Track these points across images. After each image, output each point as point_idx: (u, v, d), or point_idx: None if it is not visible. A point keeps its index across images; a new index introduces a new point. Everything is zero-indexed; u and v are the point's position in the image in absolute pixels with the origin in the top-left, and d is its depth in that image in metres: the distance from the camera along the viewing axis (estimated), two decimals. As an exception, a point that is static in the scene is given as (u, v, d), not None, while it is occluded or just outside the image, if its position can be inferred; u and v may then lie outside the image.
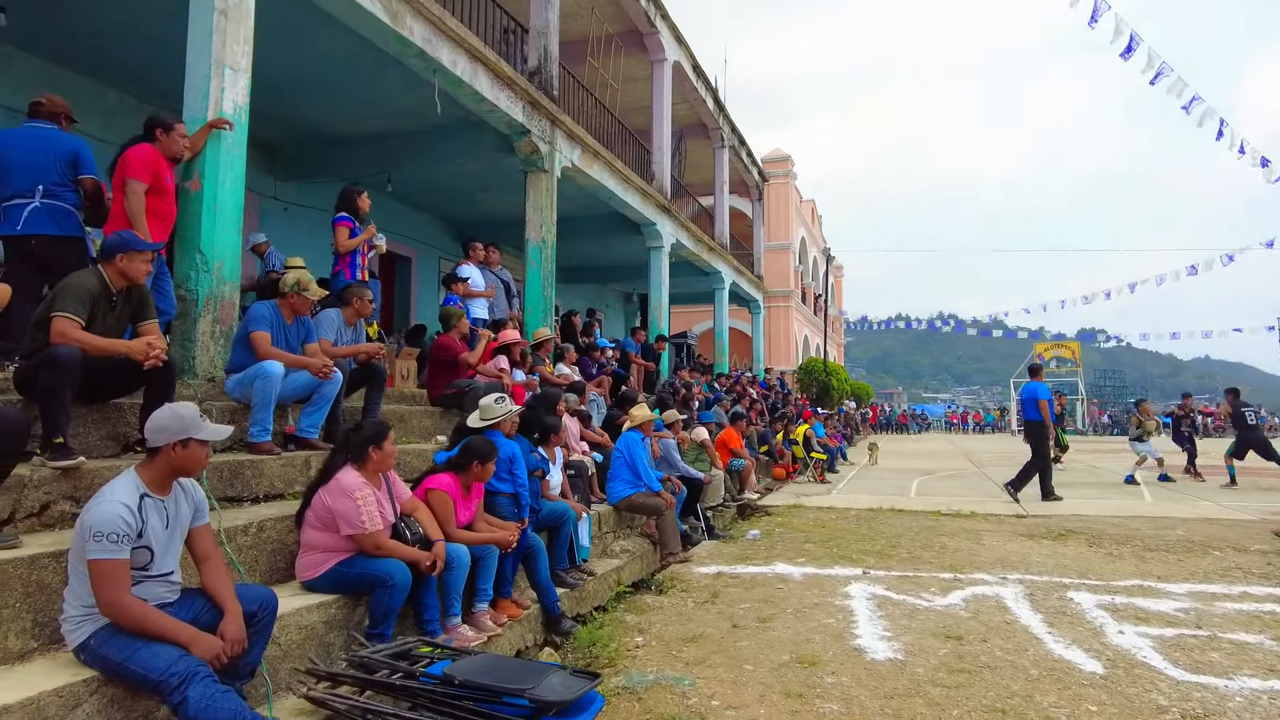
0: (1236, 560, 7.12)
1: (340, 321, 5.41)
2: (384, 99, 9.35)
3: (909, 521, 9.41)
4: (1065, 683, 4.05)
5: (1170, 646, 4.66)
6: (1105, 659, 4.40)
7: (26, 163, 4.60)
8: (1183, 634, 4.92)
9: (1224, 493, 12.29)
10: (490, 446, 4.50)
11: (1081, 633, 4.90)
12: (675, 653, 4.53)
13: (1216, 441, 20.18)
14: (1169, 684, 4.05)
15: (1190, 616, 5.32)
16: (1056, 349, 44.14)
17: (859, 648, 4.59)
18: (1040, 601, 5.64)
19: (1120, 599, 5.75)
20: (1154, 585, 6.17)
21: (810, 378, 27.20)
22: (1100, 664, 4.32)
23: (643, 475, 7.08)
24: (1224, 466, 13.41)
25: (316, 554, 3.72)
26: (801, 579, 6.36)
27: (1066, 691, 3.93)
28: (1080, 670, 4.22)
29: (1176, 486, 13.28)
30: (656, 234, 14.63)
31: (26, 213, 4.54)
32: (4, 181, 4.63)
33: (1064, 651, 4.54)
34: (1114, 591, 5.97)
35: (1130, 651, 4.55)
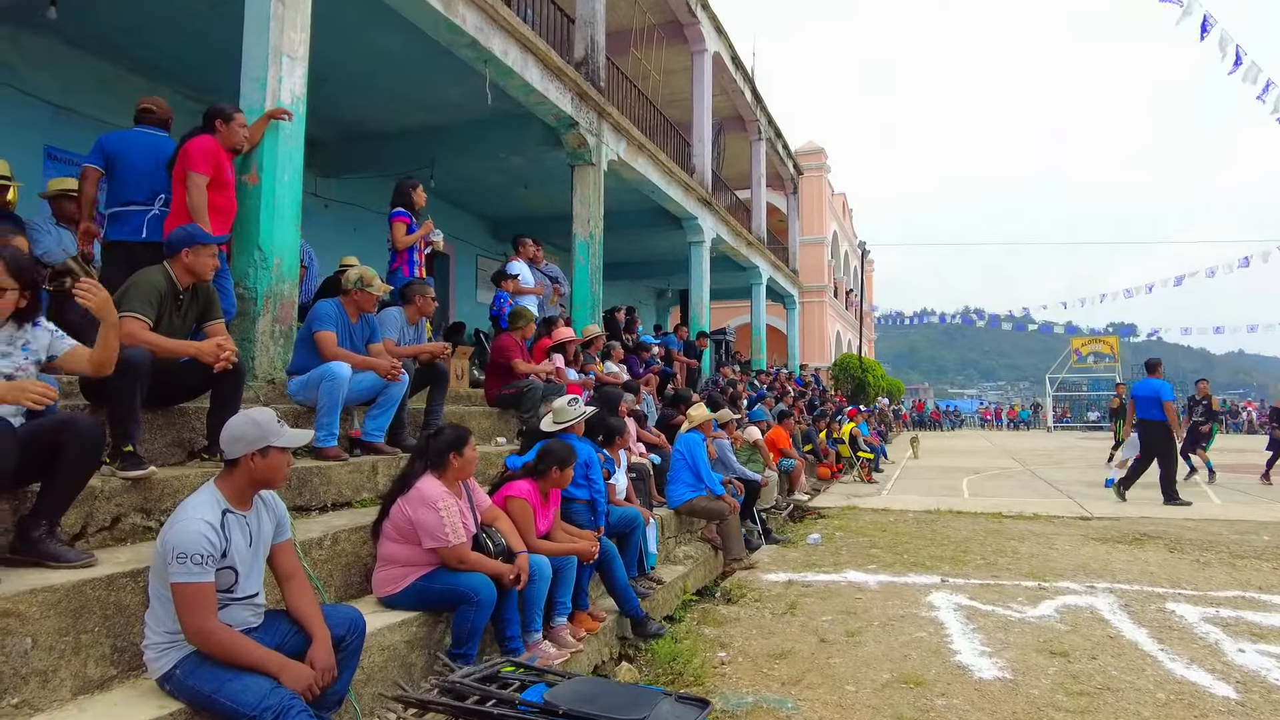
0: (1337, 568, 6.71)
1: (403, 320, 5.19)
2: (429, 92, 9.16)
3: (971, 524, 9.06)
4: (1199, 709, 3.72)
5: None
6: (1235, 682, 4.06)
7: (147, 170, 4.56)
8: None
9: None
10: (570, 451, 4.25)
11: (1198, 650, 4.55)
12: (766, 670, 4.25)
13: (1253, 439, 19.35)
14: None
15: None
16: (1094, 344, 43.19)
17: (961, 665, 4.28)
18: (1140, 614, 5.30)
19: (1225, 612, 5.39)
20: (1258, 597, 5.79)
21: (845, 374, 26.76)
22: (1231, 688, 3.98)
23: (704, 478, 6.81)
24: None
25: (396, 568, 3.48)
26: (878, 588, 6.06)
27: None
28: (1211, 695, 3.89)
29: (1246, 488, 12.79)
30: (698, 228, 14.34)
31: (148, 220, 4.50)
32: (121, 187, 4.60)
33: (1185, 672, 4.20)
34: (1216, 604, 5.60)
35: (1260, 674, 4.20)
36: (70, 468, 2.65)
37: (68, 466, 2.65)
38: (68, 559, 2.63)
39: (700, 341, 13.54)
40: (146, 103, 4.86)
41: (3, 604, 2.29)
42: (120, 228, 4.61)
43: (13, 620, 2.30)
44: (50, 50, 7.93)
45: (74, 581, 2.50)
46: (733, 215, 16.56)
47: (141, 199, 4.54)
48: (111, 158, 4.65)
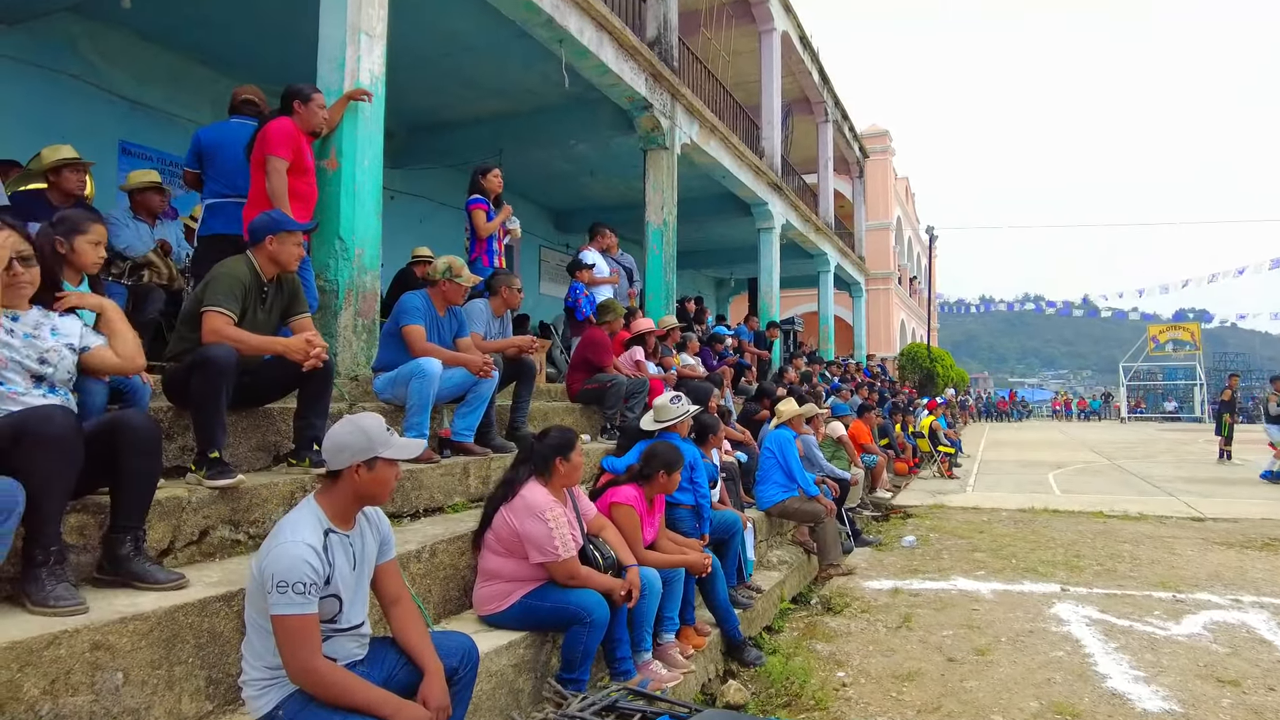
0: None
1: (489, 313, 4.90)
2: (501, 78, 8.89)
3: (1074, 524, 8.48)
4: None
5: None
6: None
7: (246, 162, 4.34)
8: None
9: None
10: (678, 453, 3.90)
11: (1390, 679, 4.01)
12: (895, 695, 3.85)
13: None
14: None
15: None
16: (1174, 331, 41.20)
17: (1117, 692, 3.82)
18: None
19: (1404, 631, 4.80)
20: None
21: (913, 364, 25.92)
22: None
23: (797, 478, 6.40)
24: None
25: (500, 584, 3.18)
26: (994, 597, 5.59)
27: None
28: None
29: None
30: (767, 214, 13.84)
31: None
32: (220, 178, 4.49)
33: (1383, 706, 3.67)
34: (1388, 621, 5.01)
35: None
36: (132, 473, 2.41)
37: (129, 472, 2.40)
38: (158, 580, 2.38)
39: (771, 332, 13.07)
40: (246, 93, 4.72)
41: (92, 635, 2.04)
42: (220, 220, 4.46)
43: (103, 654, 2.05)
44: (124, 44, 7.86)
45: (166, 607, 2.23)
46: (801, 200, 16.00)
47: (242, 191, 4.33)
48: (209, 150, 4.53)
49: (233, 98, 4.81)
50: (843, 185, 24.17)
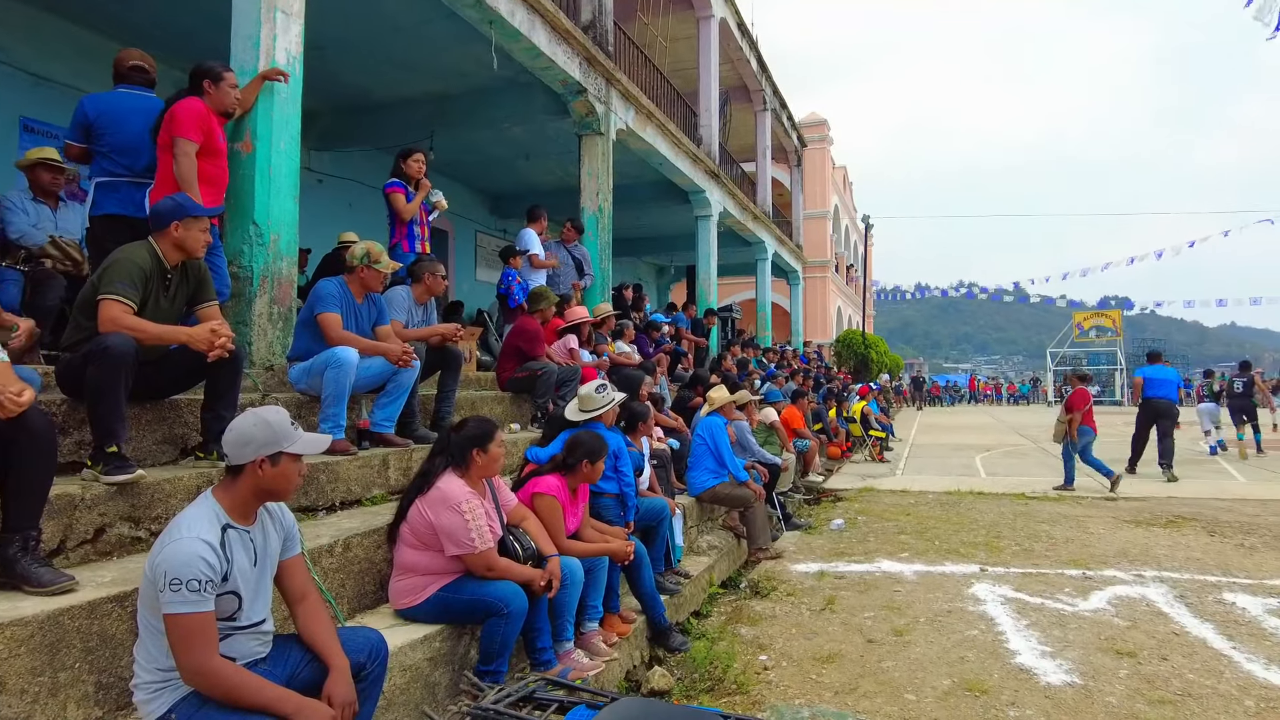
0: (1391, 552, 6.43)
1: (411, 300, 4.80)
2: (430, 58, 8.69)
3: (996, 506, 8.77)
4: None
5: (1387, 666, 4.01)
6: (1323, 684, 3.76)
7: (143, 137, 4.08)
8: (1390, 649, 4.27)
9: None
10: (601, 442, 3.89)
11: (1273, 649, 4.25)
12: (814, 676, 3.93)
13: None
14: None
15: (1381, 624, 4.66)
16: (1097, 318, 42.89)
17: (1024, 668, 3.97)
18: (1199, 606, 5.00)
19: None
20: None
21: (849, 350, 26.43)
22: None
23: (728, 464, 6.46)
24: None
25: (415, 577, 3.13)
26: (916, 579, 5.74)
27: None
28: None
29: (1267, 464, 12.56)
30: (705, 202, 13.90)
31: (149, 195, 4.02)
32: (113, 154, 4.11)
33: (1266, 674, 3.90)
34: (1274, 593, 5.31)
35: (1346, 673, 3.90)
36: (24, 471, 2.29)
37: (20, 468, 2.29)
38: (44, 582, 2.27)
39: (708, 319, 13.15)
40: (134, 58, 4.27)
41: (-37, 643, 1.93)
42: (113, 200, 4.11)
43: (-25, 662, 1.94)
44: (27, 17, 7.44)
45: (49, 611, 2.13)
46: (739, 188, 16.11)
47: (141, 170, 4.09)
48: (98, 122, 4.12)
49: (117, 63, 4.30)
50: (781, 174, 24.42)
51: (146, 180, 4.05)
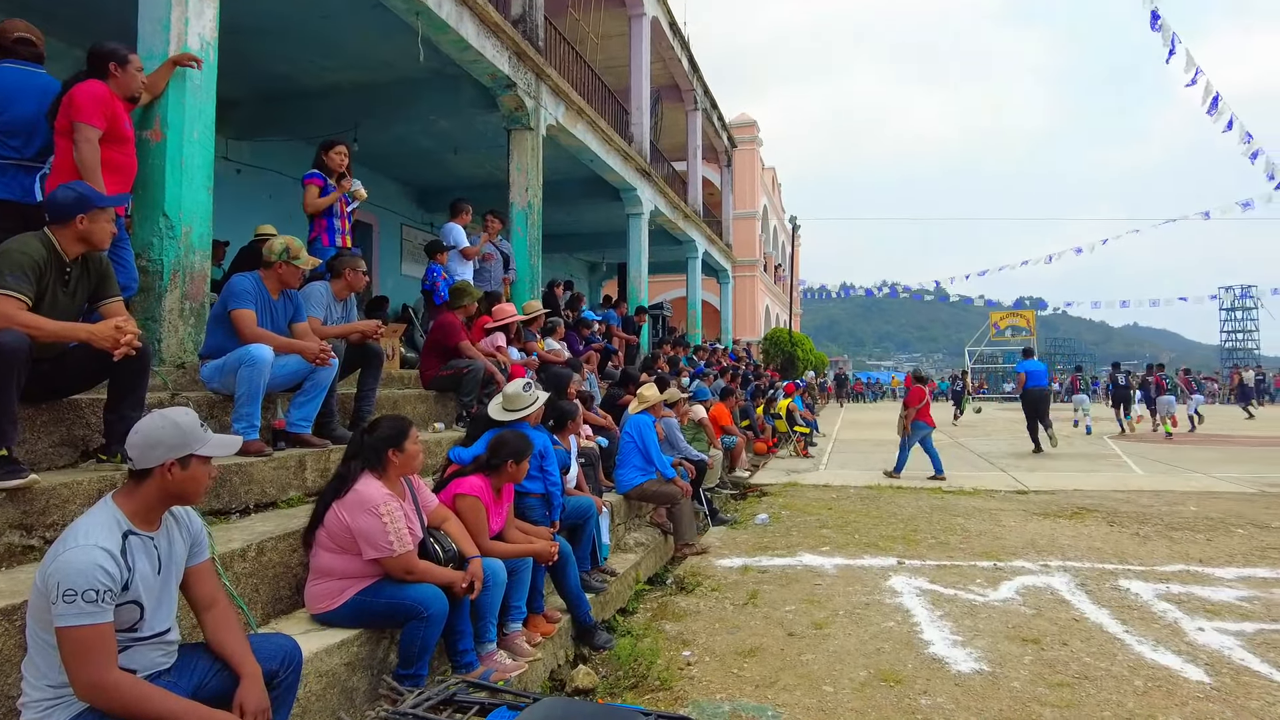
0: (1265, 539, 6.89)
1: (330, 296, 4.68)
2: (355, 48, 8.48)
3: (914, 500, 9.06)
4: (1177, 696, 3.64)
5: (1259, 645, 4.31)
6: (1203, 664, 4.02)
7: (31, 117, 3.80)
8: (1263, 629, 4.59)
9: (1210, 463, 12.29)
10: (526, 442, 3.87)
11: (1160, 631, 4.52)
12: (736, 671, 3.99)
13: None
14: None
15: (1257, 607, 5.01)
16: (1012, 318, 44.77)
17: (937, 657, 4.12)
18: (1097, 593, 5.27)
19: (1175, 587, 5.42)
20: (1201, 570, 5.87)
21: (776, 348, 26.88)
22: (1202, 670, 3.94)
23: (656, 461, 6.51)
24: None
25: (332, 581, 3.06)
26: (836, 572, 5.89)
27: (1186, 708, 3.52)
28: (1186, 679, 3.82)
29: (1162, 457, 13.32)
30: (636, 200, 13.94)
31: (40, 180, 3.79)
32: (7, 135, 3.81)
33: (1154, 655, 4.14)
34: (1164, 579, 5.64)
35: (1223, 653, 4.18)
36: None
37: None
38: (-78, 595, 2.14)
39: (639, 317, 13.21)
40: (19, 30, 3.93)
41: None
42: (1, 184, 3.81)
43: None
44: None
45: (-71, 626, 2.01)
46: (670, 187, 16.20)
47: (31, 153, 3.83)
48: None
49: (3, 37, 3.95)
50: (711, 173, 24.67)
51: (37, 165, 3.82)
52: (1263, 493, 9.36)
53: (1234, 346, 69.10)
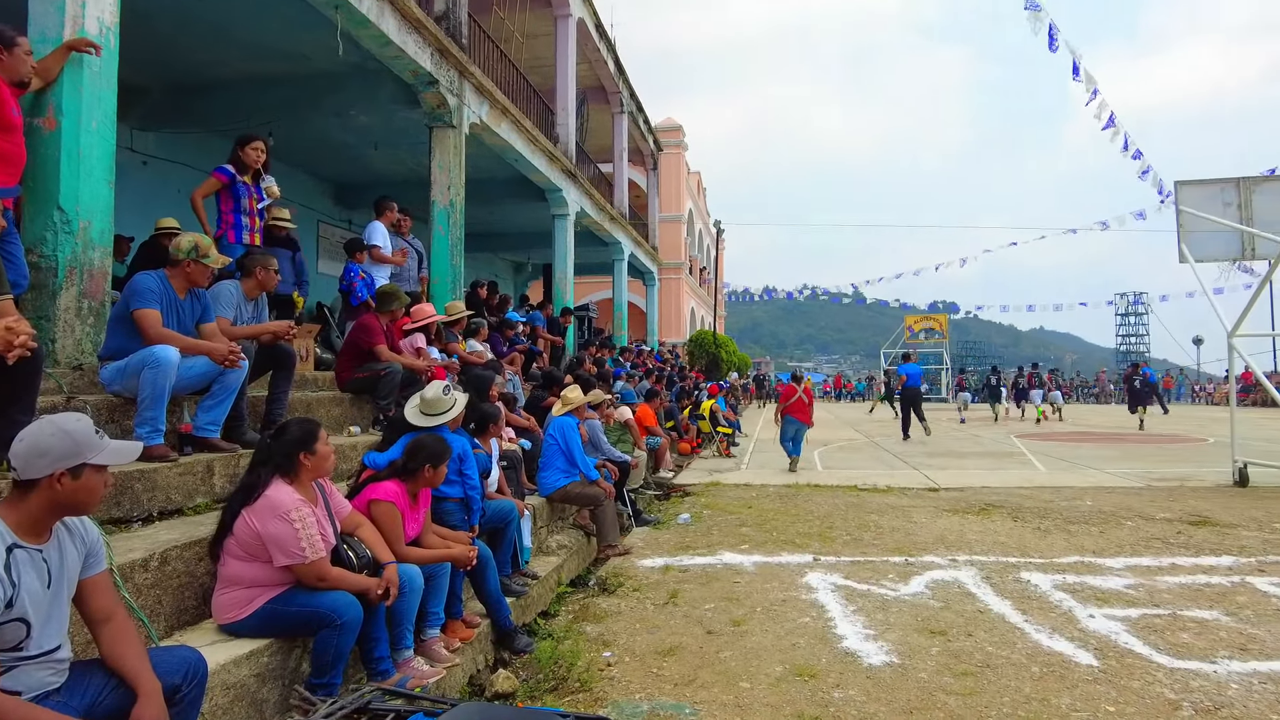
0: (1151, 530, 7.33)
1: (240, 296, 4.52)
2: (271, 39, 8.21)
3: (831, 498, 9.31)
4: (1069, 680, 3.85)
5: (1143, 629, 4.59)
6: (1093, 649, 4.26)
7: None
8: (1146, 614, 4.89)
9: (1107, 460, 13.02)
10: (444, 446, 3.82)
11: (1056, 619, 4.77)
12: (655, 670, 4.04)
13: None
14: (1165, 673, 3.93)
15: (1142, 594, 5.32)
16: (926, 321, 46.40)
17: (850, 651, 4.25)
18: (1000, 585, 5.52)
19: (1071, 578, 5.72)
20: (1094, 561, 6.21)
21: (701, 350, 27.21)
22: (1091, 655, 4.17)
23: (579, 463, 6.52)
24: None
25: (241, 590, 2.97)
26: (754, 570, 6.01)
27: (1076, 690, 3.73)
28: (1077, 664, 4.05)
29: (1063, 455, 14.04)
30: (562, 201, 13.91)
31: None
32: None
33: (1050, 642, 4.37)
34: (1061, 570, 5.95)
35: (1110, 638, 4.44)
36: None
37: None
38: None
39: (564, 318, 13.18)
40: None
41: None
42: None
43: None
44: None
45: None
46: (596, 189, 16.22)
47: None
48: None
49: None
50: (637, 176, 24.81)
51: None
52: (1149, 487, 9.96)
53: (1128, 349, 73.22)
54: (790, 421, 11.85)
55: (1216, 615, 4.86)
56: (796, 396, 11.91)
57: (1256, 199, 10.29)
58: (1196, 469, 11.78)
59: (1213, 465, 12.01)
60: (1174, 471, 11.45)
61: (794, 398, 11.90)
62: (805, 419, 11.93)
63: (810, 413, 12.10)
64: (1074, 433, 18.85)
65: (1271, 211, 10.10)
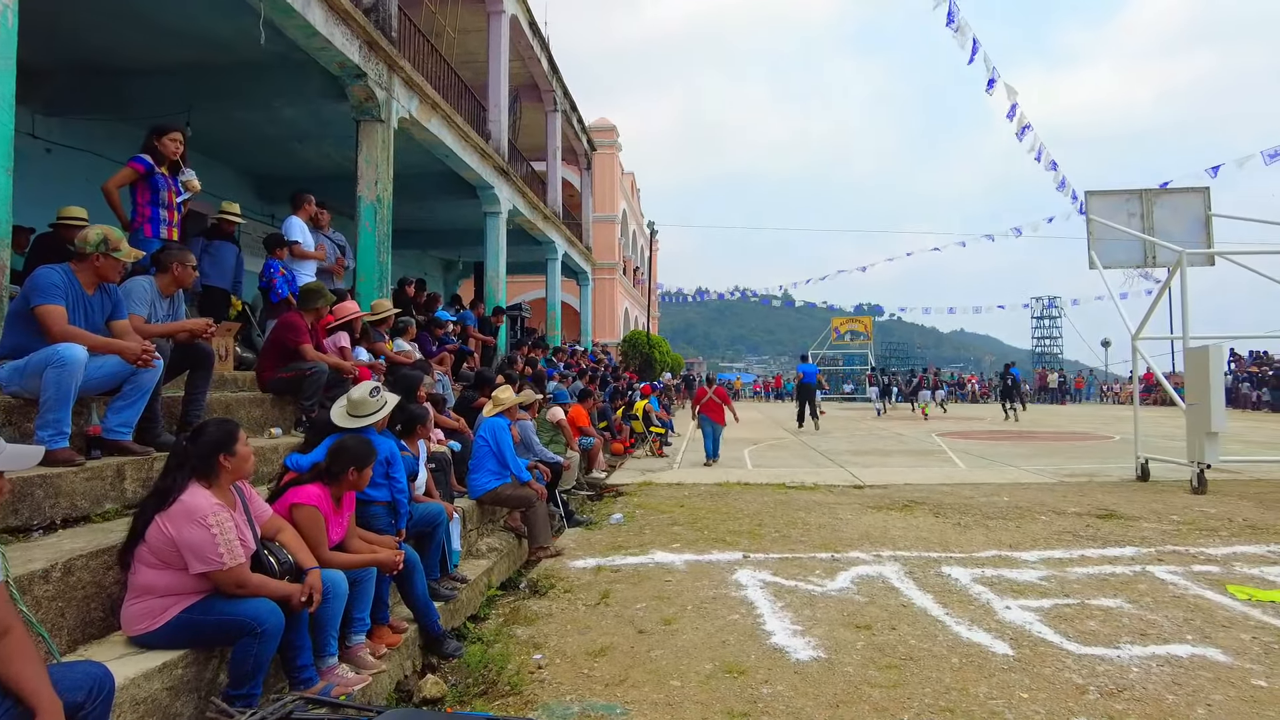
0: (1062, 524, 7.67)
1: (154, 292, 4.33)
2: (189, 24, 7.88)
3: (760, 496, 9.45)
4: (986, 669, 4.00)
5: (1054, 618, 4.80)
6: (1009, 639, 4.43)
7: None
8: (1057, 604, 5.11)
9: (1022, 457, 13.57)
10: (370, 448, 3.73)
11: (975, 612, 4.94)
12: (586, 671, 4.03)
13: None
14: (1073, 659, 4.12)
15: (1054, 585, 5.57)
16: (852, 323, 47.56)
17: (778, 647, 4.33)
18: (922, 580, 5.70)
19: (989, 571, 5.94)
20: (1010, 555, 6.45)
21: (634, 350, 27.28)
22: (1007, 645, 4.34)
23: (510, 465, 6.46)
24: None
25: (154, 599, 2.84)
26: (685, 568, 6.06)
27: (993, 679, 3.87)
28: (994, 654, 4.21)
29: (982, 452, 14.57)
30: (494, 198, 13.75)
31: None
32: None
33: (969, 634, 4.53)
34: (980, 564, 6.17)
35: (1024, 628, 4.62)
36: None
37: None
38: None
39: (496, 318, 13.03)
40: None
41: None
42: None
43: None
44: None
45: None
46: (529, 187, 16.09)
47: None
48: None
49: None
50: (571, 175, 24.73)
51: None
52: (1061, 482, 10.42)
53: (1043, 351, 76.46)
54: (705, 421, 12.62)
55: (1120, 603, 5.11)
56: (708, 397, 12.72)
57: (1157, 210, 10.89)
58: (1103, 465, 12.39)
59: (1118, 461, 12.66)
60: (1083, 468, 12.01)
61: (705, 398, 12.72)
62: (718, 419, 12.68)
63: (723, 413, 12.79)
64: (993, 431, 19.62)
65: (1170, 222, 10.70)
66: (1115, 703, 3.59)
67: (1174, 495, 9.24)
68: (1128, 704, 3.58)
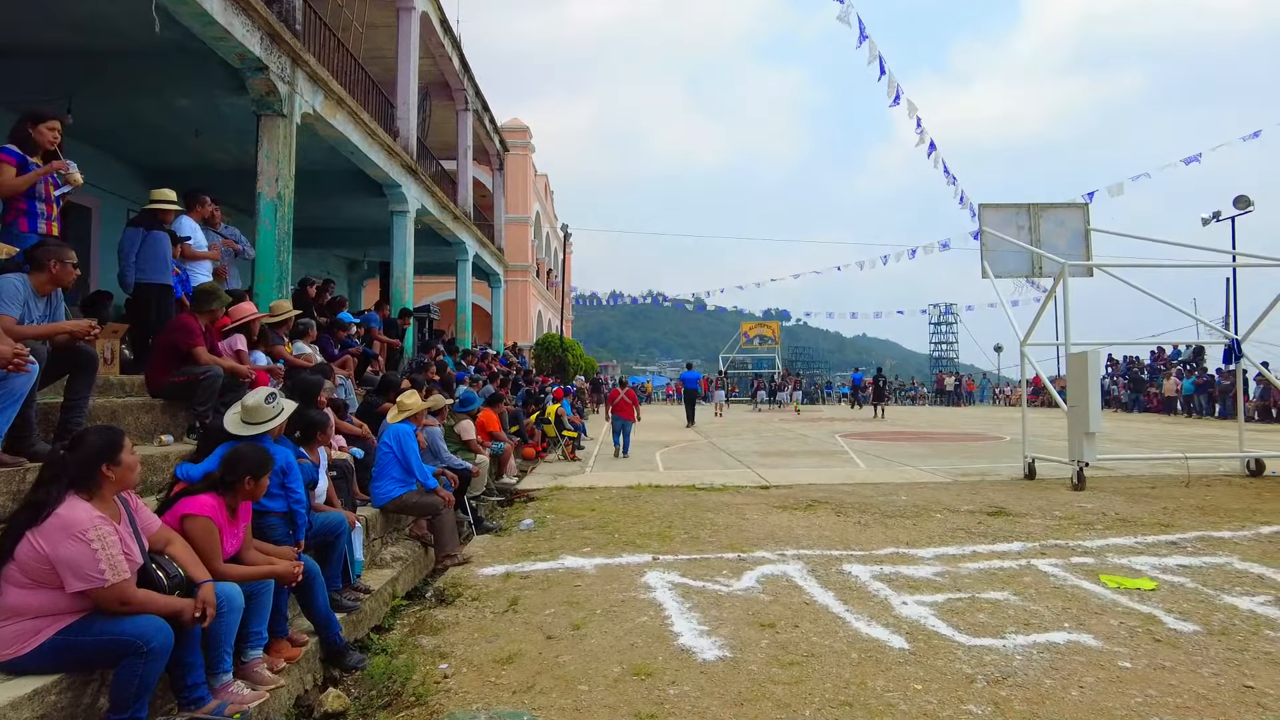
0: (956, 522, 8.05)
1: (28, 291, 4.05)
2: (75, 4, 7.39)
3: (670, 498, 9.56)
4: (884, 663, 4.16)
5: (947, 612, 5.03)
6: (905, 633, 4.62)
7: None
8: (950, 598, 5.35)
9: (919, 457, 14.15)
10: (265, 457, 3.60)
11: (874, 608, 5.13)
12: (494, 679, 4.00)
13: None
14: (964, 650, 4.33)
15: (947, 580, 5.83)
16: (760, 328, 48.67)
17: (685, 648, 4.39)
18: (824, 577, 5.88)
19: (887, 568, 6.17)
20: (907, 552, 6.72)
21: (548, 353, 27.13)
22: (903, 639, 4.52)
23: (416, 472, 6.33)
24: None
25: (24, 621, 2.67)
26: (595, 572, 6.08)
27: (889, 673, 4.03)
28: (891, 648, 4.38)
29: (881, 453, 15.13)
30: (401, 197, 13.44)
31: None
32: None
33: (868, 630, 4.70)
34: (879, 561, 6.40)
35: (919, 622, 4.83)
36: None
37: None
38: None
39: (403, 320, 12.74)
40: None
41: None
42: None
43: None
44: None
45: None
46: (439, 186, 15.80)
47: None
48: None
49: None
50: (483, 175, 24.42)
51: None
52: (955, 481, 10.92)
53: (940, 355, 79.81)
54: (617, 419, 14.82)
55: (1007, 595, 5.40)
56: (620, 398, 14.91)
57: (1044, 224, 11.59)
58: (995, 464, 13.06)
59: (1008, 460, 13.37)
60: (976, 467, 12.63)
61: (618, 399, 14.93)
62: (629, 416, 14.88)
63: (633, 411, 15.12)
64: (892, 431, 20.40)
65: (1055, 235, 11.41)
66: (1000, 690, 3.80)
67: (1057, 492, 9.81)
68: (1011, 690, 3.79)
